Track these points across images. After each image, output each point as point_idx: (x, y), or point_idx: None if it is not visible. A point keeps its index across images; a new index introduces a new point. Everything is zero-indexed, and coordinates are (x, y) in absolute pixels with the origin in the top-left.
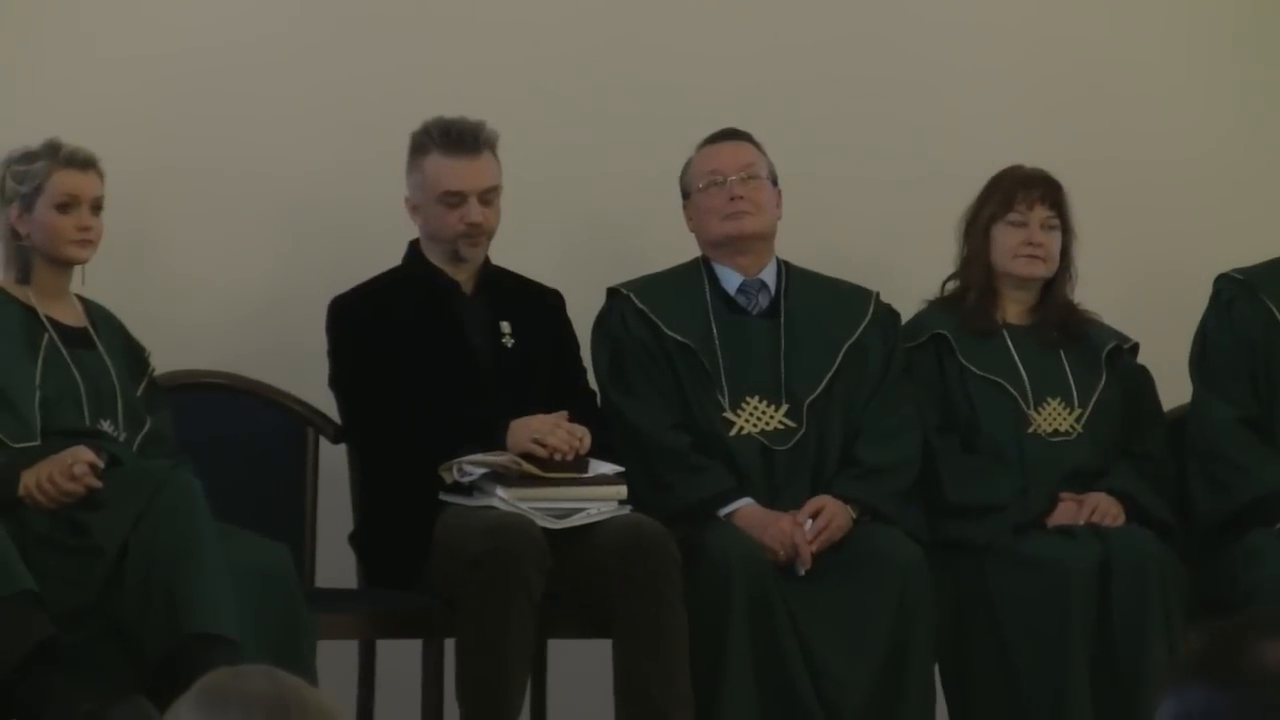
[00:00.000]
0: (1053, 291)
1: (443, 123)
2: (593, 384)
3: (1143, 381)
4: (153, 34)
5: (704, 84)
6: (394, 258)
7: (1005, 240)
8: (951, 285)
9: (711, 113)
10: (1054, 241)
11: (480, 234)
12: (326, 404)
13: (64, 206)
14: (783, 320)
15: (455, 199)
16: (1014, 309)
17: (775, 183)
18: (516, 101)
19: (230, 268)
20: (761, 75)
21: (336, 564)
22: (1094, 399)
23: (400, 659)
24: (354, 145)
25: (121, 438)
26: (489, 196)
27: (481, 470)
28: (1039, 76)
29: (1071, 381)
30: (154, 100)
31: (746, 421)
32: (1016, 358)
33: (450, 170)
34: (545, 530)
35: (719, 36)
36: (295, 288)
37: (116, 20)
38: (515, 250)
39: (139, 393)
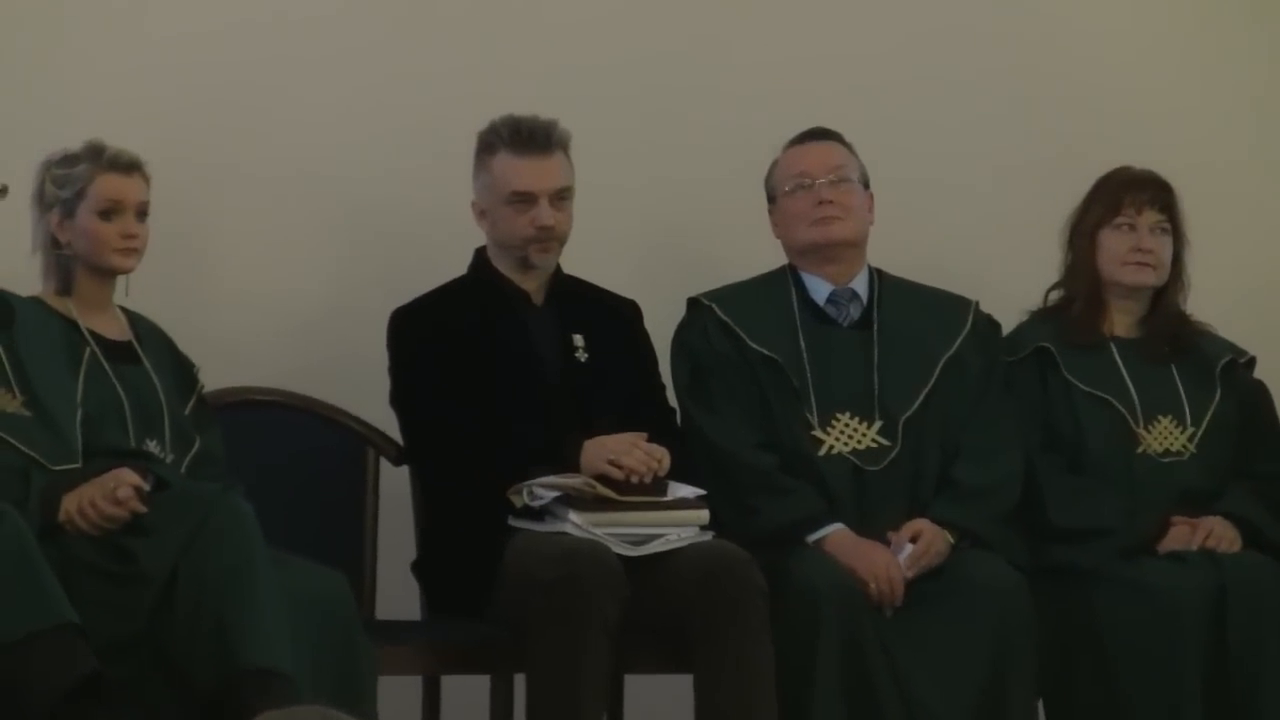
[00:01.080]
0: (1163, 301)
1: (512, 120)
2: (672, 401)
3: (1260, 397)
4: (202, 27)
5: (788, 84)
6: (459, 266)
7: (1112, 246)
8: (1055, 295)
9: (797, 114)
10: (1164, 247)
11: (552, 238)
12: (387, 423)
13: (107, 213)
14: (875, 332)
15: (525, 200)
16: (1122, 320)
17: (867, 186)
18: (587, 103)
19: (284, 277)
20: (851, 75)
21: (398, 593)
22: (1208, 416)
23: (467, 695)
24: (417, 147)
25: (168, 459)
26: (561, 198)
27: (553, 493)
28: (1151, 76)
29: (1184, 398)
30: (201, 99)
31: (837, 440)
32: (1125, 372)
33: (520, 170)
34: (621, 557)
35: (804, 35)
36: (354, 298)
37: (163, 10)
38: (588, 258)
39: (187, 411)
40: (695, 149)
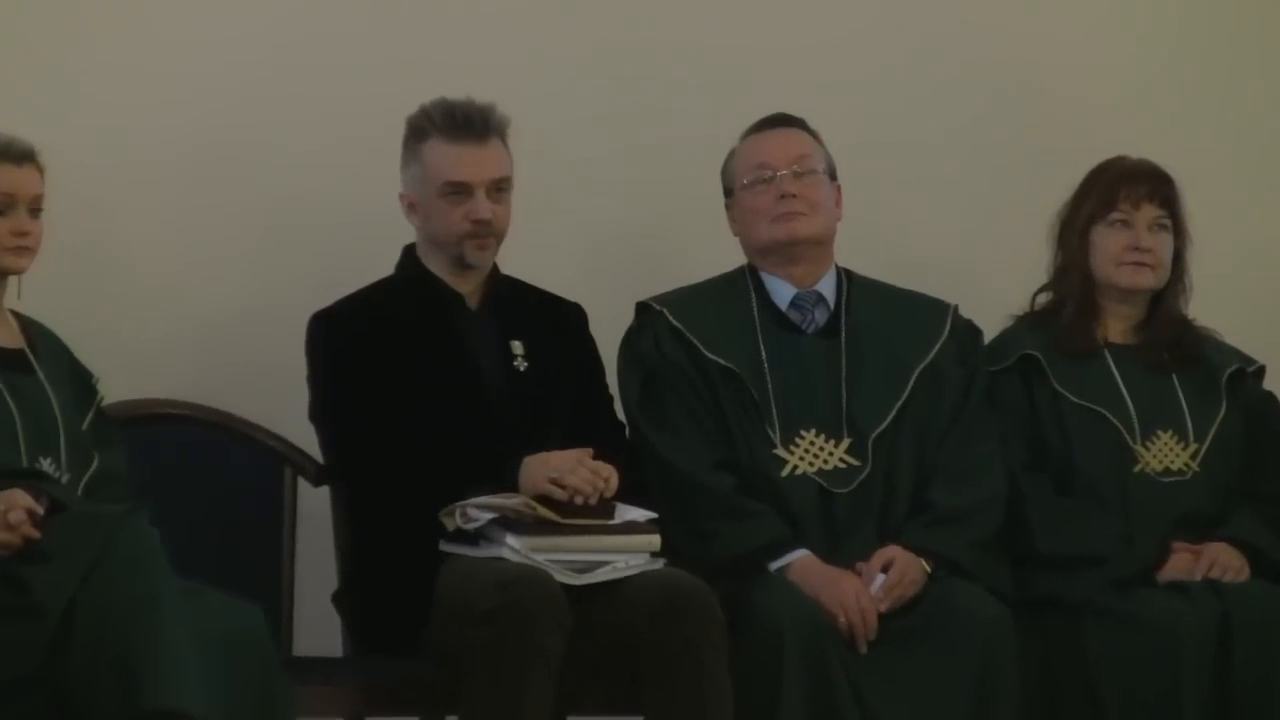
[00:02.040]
0: (1163, 305)
1: (445, 104)
2: (620, 415)
3: (1269, 410)
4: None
5: (752, 71)
6: (386, 266)
7: (1107, 245)
8: (1043, 298)
9: (761, 103)
10: (1164, 246)
11: (489, 234)
12: (307, 439)
13: None
14: (843, 339)
15: (460, 192)
16: (1117, 326)
17: (834, 177)
18: (529, 91)
19: (195, 277)
20: (820, 63)
21: (319, 627)
22: (1212, 432)
23: None
24: (346, 136)
25: (64, 478)
26: (499, 190)
27: (489, 515)
28: (1157, 65)
29: (1186, 411)
30: (107, 84)
31: (801, 459)
32: (1120, 383)
33: (454, 158)
34: (564, 586)
35: (771, 19)
36: (272, 301)
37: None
38: (528, 258)
39: (85, 425)
40: (646, 138)
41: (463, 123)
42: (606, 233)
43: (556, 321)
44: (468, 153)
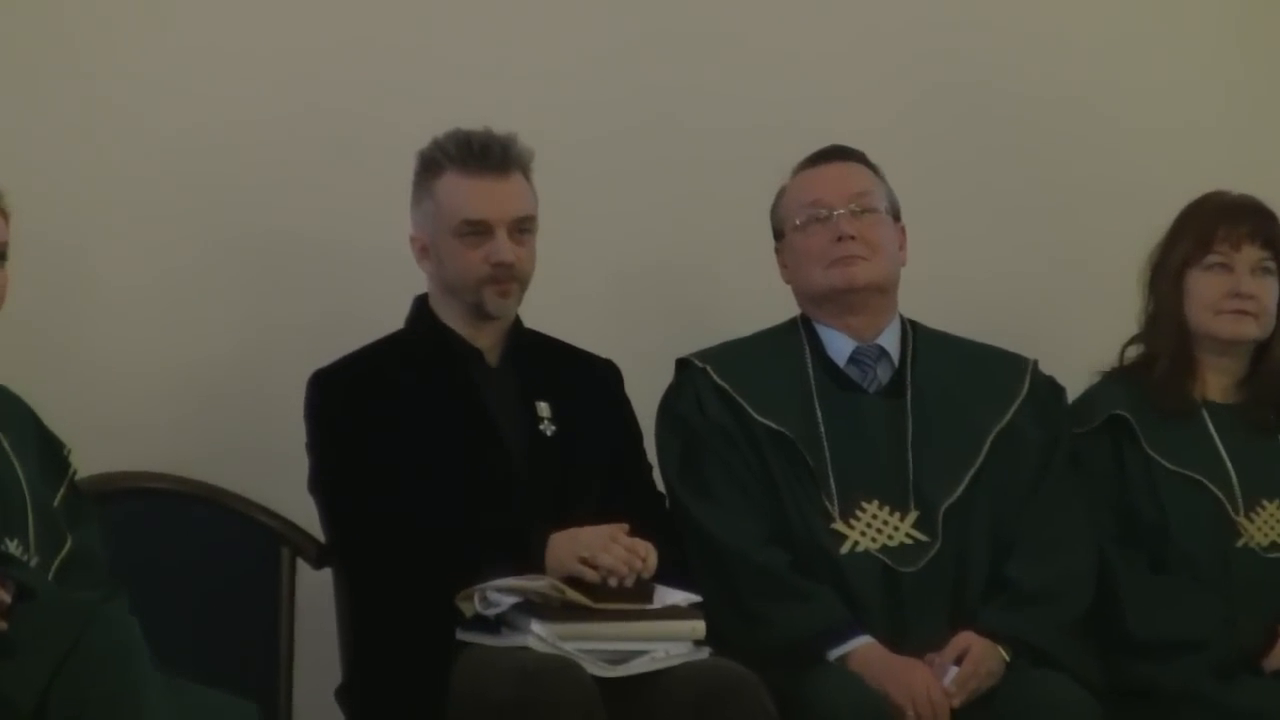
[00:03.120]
0: (1268, 357)
1: (461, 135)
2: (659, 485)
3: None
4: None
5: (809, 88)
6: (396, 319)
7: (1204, 291)
8: (1134, 351)
9: (807, 136)
10: (1269, 291)
11: (511, 278)
12: (306, 515)
13: None
14: (909, 399)
15: (478, 232)
16: (1217, 381)
17: (898, 217)
18: (554, 117)
19: (181, 336)
20: (886, 88)
21: None
22: None
23: None
24: (344, 172)
25: (33, 562)
26: (522, 230)
27: (512, 599)
28: (1243, 84)
29: None
30: (78, 117)
31: (863, 534)
32: (1221, 447)
33: (472, 194)
34: (597, 679)
35: (814, 39)
36: (264, 358)
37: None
38: (554, 308)
39: (56, 502)
40: (687, 172)
41: (480, 154)
42: (642, 280)
43: (587, 380)
44: (487, 188)
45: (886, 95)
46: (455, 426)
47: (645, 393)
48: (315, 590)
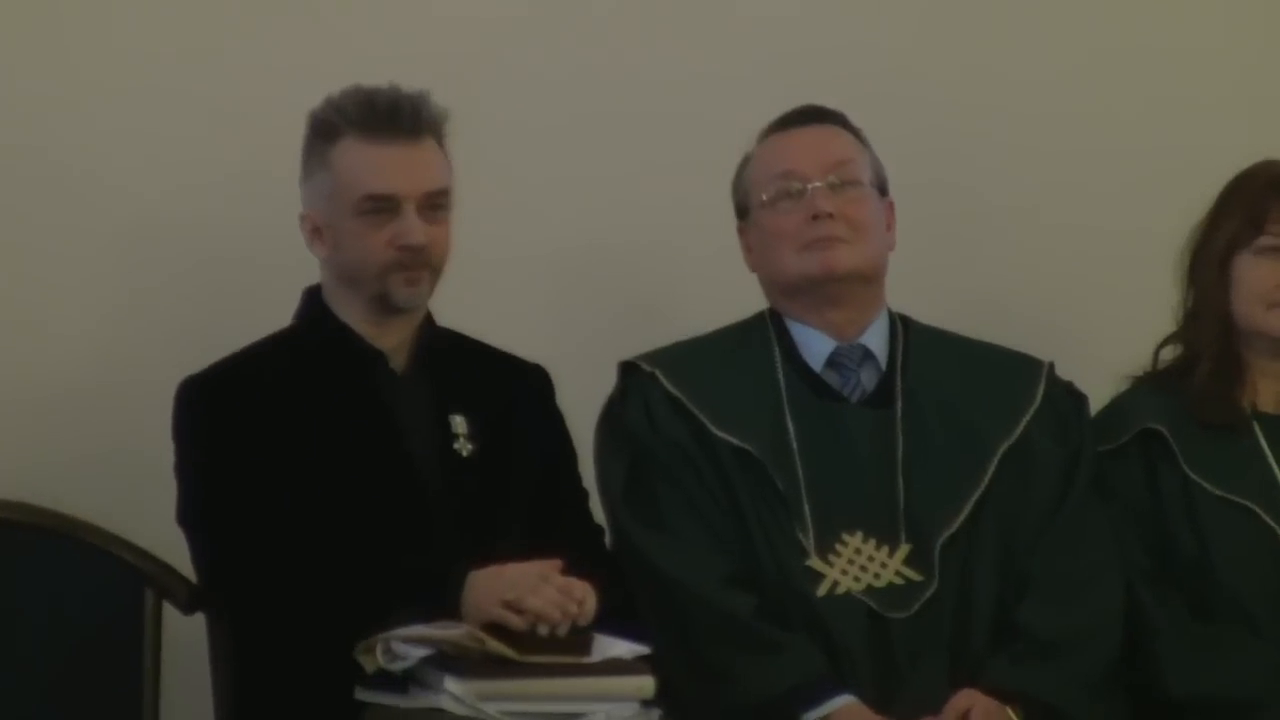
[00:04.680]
0: None
1: (362, 93)
2: (599, 514)
3: None
4: None
5: (760, 62)
6: (282, 315)
7: (1253, 280)
8: (1169, 352)
9: (790, 93)
10: None
11: (422, 264)
12: (174, 549)
13: None
14: (899, 409)
15: (383, 208)
16: (1269, 388)
17: (884, 192)
18: (473, 76)
19: (22, 341)
20: (866, 53)
21: None
22: None
23: None
24: (224, 143)
25: None
26: (436, 207)
27: (423, 651)
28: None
29: None
30: None
31: (844, 573)
32: (1275, 466)
33: (375, 163)
34: None
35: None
36: (123, 366)
37: None
38: (473, 304)
39: None
40: (634, 135)
41: (386, 116)
42: (577, 266)
43: (512, 388)
44: (394, 155)
45: (873, 63)
46: (354, 444)
47: (582, 403)
48: (186, 639)
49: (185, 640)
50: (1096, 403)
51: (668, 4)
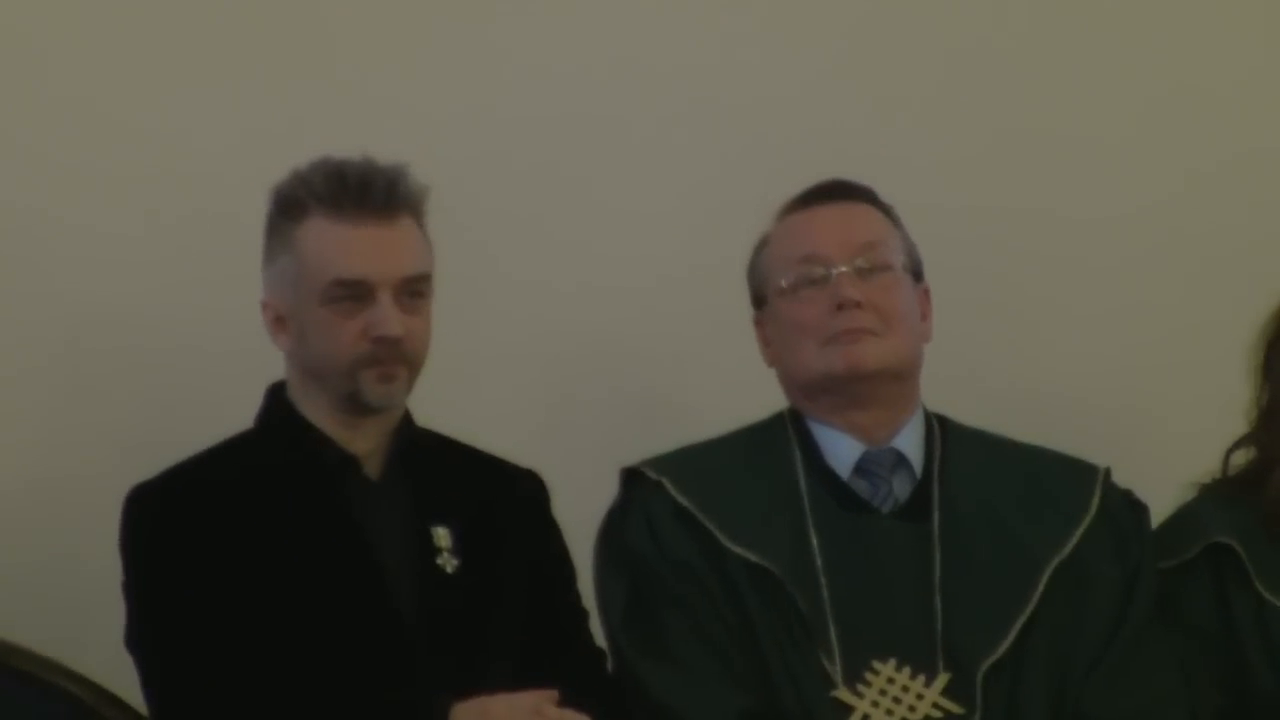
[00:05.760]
0: None
1: (331, 166)
2: (600, 638)
3: None
4: None
5: (803, 109)
6: (242, 416)
7: None
8: (1241, 457)
9: (805, 168)
10: None
11: (397, 359)
12: (122, 677)
13: None
14: (936, 522)
15: (354, 296)
16: None
17: (919, 277)
18: (459, 151)
19: None
20: (884, 104)
21: None
22: None
23: None
24: (180, 219)
25: None
26: (413, 294)
27: None
28: None
29: None
30: None
31: (875, 705)
32: None
33: (345, 243)
34: None
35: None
36: (65, 471)
37: None
38: (456, 405)
39: None
40: (638, 216)
41: (358, 192)
42: (575, 362)
43: (501, 497)
44: (366, 236)
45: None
46: (322, 561)
47: (580, 512)
48: None
49: None
50: (1158, 514)
51: (669, 82)
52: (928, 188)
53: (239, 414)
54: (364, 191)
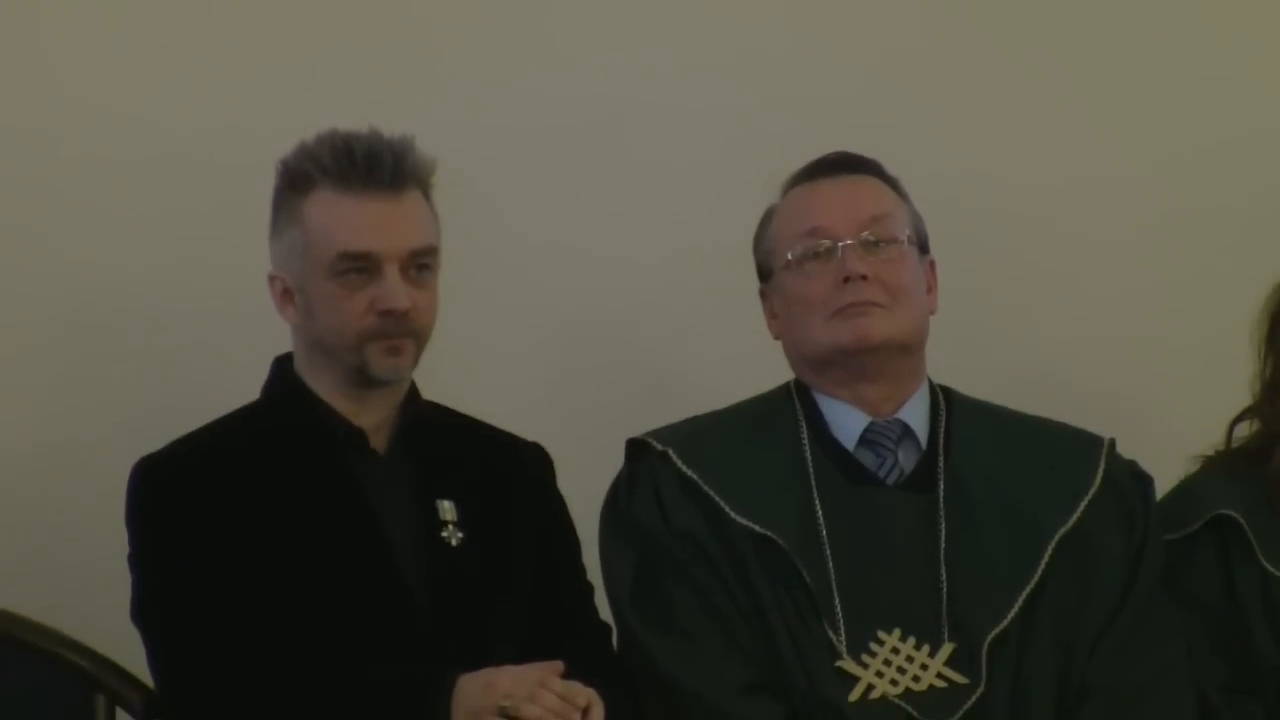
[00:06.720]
0: None
1: (338, 139)
2: (605, 611)
3: None
4: None
5: (807, 90)
6: (249, 388)
7: None
8: (1245, 429)
9: (811, 140)
10: None
11: (405, 332)
12: (129, 650)
13: None
14: (942, 493)
15: (361, 269)
16: None
17: (925, 250)
18: (466, 124)
19: None
20: (896, 88)
21: None
22: None
23: None
24: (189, 200)
25: None
26: (420, 268)
27: None
28: None
29: None
30: None
31: (880, 675)
32: None
33: (352, 217)
34: None
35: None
36: (69, 443)
37: None
38: (463, 379)
39: None
40: (645, 188)
41: (365, 165)
42: (581, 334)
43: (506, 470)
44: (373, 210)
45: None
46: (328, 533)
47: (586, 485)
48: None
49: None
50: (1162, 485)
51: (679, 59)
52: (929, 163)
53: (244, 387)
54: (371, 165)
